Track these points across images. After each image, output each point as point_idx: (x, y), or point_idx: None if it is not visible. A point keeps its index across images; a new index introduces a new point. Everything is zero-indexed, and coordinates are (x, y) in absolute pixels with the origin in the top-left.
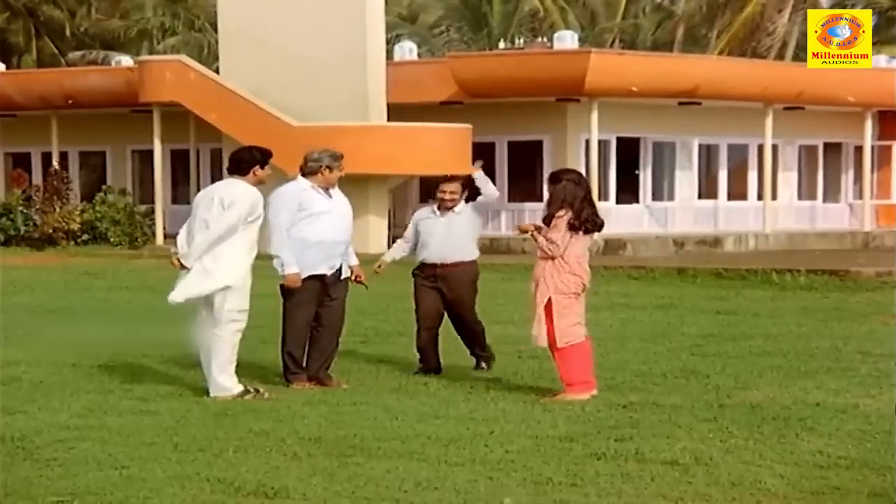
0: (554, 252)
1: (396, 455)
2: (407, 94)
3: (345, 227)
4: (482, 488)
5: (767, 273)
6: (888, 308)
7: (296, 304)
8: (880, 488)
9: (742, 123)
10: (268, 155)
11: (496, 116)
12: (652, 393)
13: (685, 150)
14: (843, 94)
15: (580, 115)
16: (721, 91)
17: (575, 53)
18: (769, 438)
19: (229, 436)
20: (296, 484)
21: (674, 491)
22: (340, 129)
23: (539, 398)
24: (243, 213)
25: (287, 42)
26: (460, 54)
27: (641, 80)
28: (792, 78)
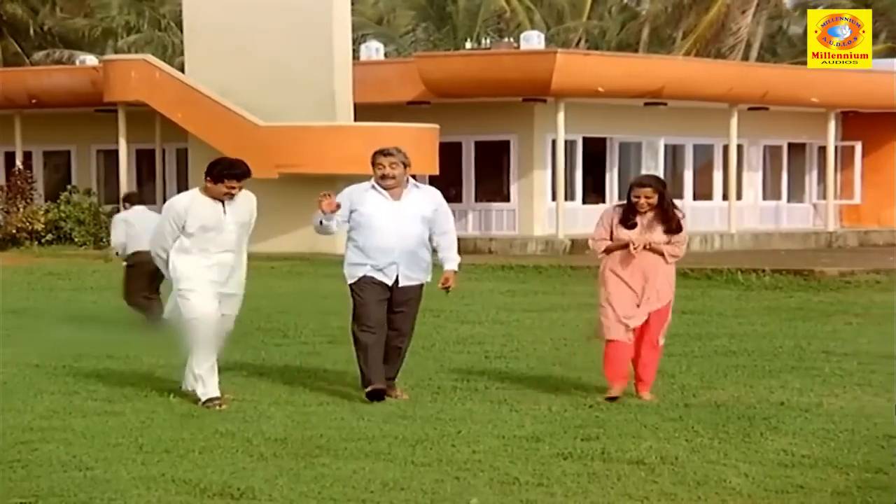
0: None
1: (363, 455)
2: (374, 94)
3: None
4: (449, 488)
5: (733, 273)
6: (851, 308)
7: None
8: (843, 487)
9: (707, 124)
10: (225, 169)
11: (463, 116)
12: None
13: (651, 150)
14: (806, 95)
15: (547, 116)
16: (687, 91)
17: (541, 54)
18: (734, 437)
19: (195, 437)
20: (262, 485)
21: (640, 490)
22: (307, 129)
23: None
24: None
25: (253, 41)
26: (427, 54)
27: (608, 80)
28: (757, 79)
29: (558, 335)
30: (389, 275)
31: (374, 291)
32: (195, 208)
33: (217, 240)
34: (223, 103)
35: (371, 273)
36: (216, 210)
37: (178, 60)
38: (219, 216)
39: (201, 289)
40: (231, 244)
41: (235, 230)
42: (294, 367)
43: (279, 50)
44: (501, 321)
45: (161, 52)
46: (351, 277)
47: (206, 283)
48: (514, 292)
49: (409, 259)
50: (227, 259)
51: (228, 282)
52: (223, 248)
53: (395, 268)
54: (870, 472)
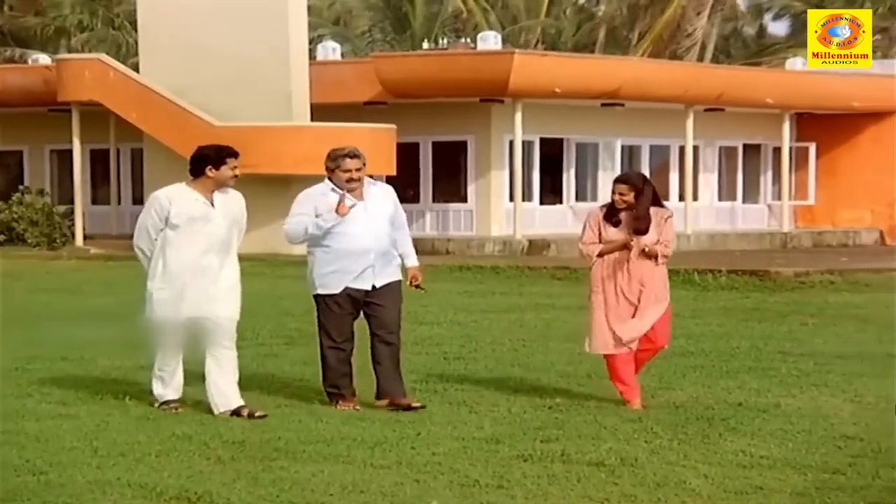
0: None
1: (321, 458)
2: (330, 95)
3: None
4: (409, 491)
5: (689, 273)
6: (806, 308)
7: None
8: (802, 488)
9: (664, 125)
10: (224, 153)
11: (420, 117)
12: (577, 394)
13: (608, 150)
14: (762, 96)
15: (504, 116)
16: (643, 92)
17: (499, 54)
18: (693, 438)
19: (151, 440)
20: (219, 489)
21: (600, 492)
22: (264, 129)
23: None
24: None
25: (209, 41)
26: (384, 54)
27: (565, 81)
28: (712, 80)
29: (516, 336)
30: (366, 279)
31: (346, 304)
32: (180, 198)
33: (205, 233)
34: (178, 103)
35: (348, 283)
36: (203, 201)
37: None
38: (206, 207)
39: (176, 288)
40: (220, 240)
41: (224, 224)
42: (251, 370)
43: (235, 50)
44: (459, 322)
45: (115, 51)
46: (322, 287)
47: (182, 284)
48: (472, 293)
49: (384, 260)
50: (214, 258)
51: (217, 283)
52: (211, 243)
53: (371, 271)
54: (827, 472)
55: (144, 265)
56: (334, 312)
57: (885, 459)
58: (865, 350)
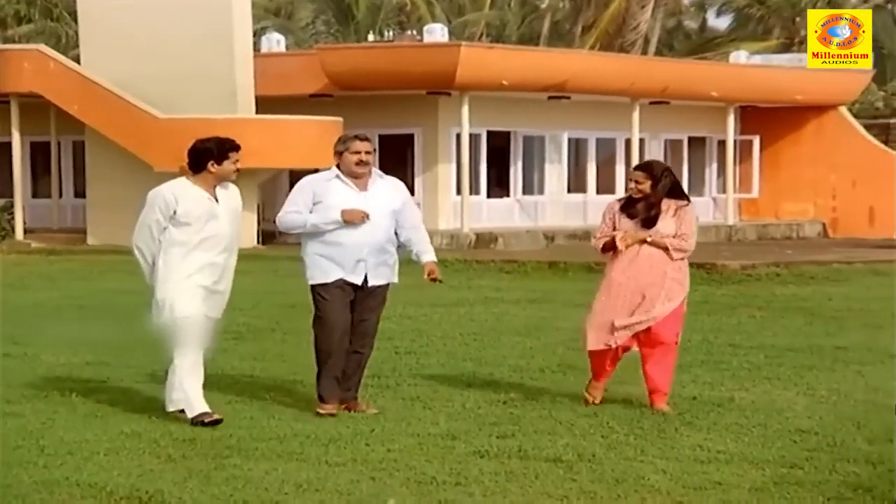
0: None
1: (275, 455)
2: (275, 87)
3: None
4: (365, 489)
5: None
6: (754, 301)
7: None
8: (761, 483)
9: (610, 118)
10: (226, 146)
11: (367, 109)
12: (531, 388)
13: (555, 143)
14: (706, 90)
15: (451, 109)
16: (589, 85)
17: (445, 47)
18: (649, 433)
19: (99, 438)
20: (171, 488)
21: (559, 489)
22: (208, 121)
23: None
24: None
25: (151, 33)
26: (330, 46)
27: (512, 73)
28: (658, 73)
29: (467, 330)
30: (358, 273)
31: (341, 294)
32: (186, 195)
33: (212, 230)
34: (121, 95)
35: (341, 275)
36: (208, 198)
37: (72, 53)
38: (212, 204)
39: (188, 288)
40: (226, 237)
41: (229, 221)
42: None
43: (178, 42)
44: (409, 316)
45: (54, 42)
46: (315, 279)
47: (193, 283)
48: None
49: (378, 256)
50: (221, 256)
51: (221, 281)
52: (218, 241)
53: (364, 265)
54: (785, 467)
55: (143, 266)
56: (329, 301)
57: (840, 453)
58: (814, 343)
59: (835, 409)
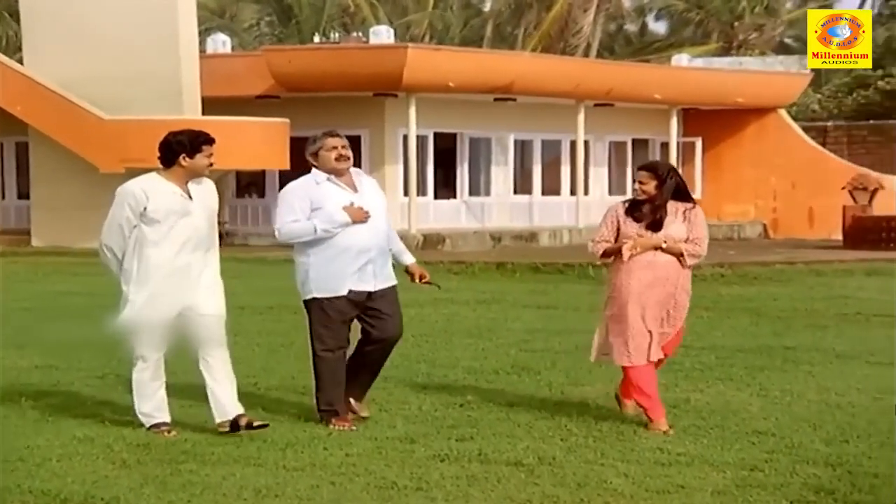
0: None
1: (231, 460)
2: (221, 88)
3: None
4: (325, 494)
5: (584, 267)
6: (701, 301)
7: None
8: (723, 486)
9: (555, 119)
10: (199, 139)
11: (314, 111)
12: (487, 390)
13: (501, 145)
14: (650, 93)
15: (398, 110)
16: (535, 88)
17: (392, 48)
18: (608, 436)
19: (52, 443)
20: (127, 494)
21: (521, 493)
22: (154, 122)
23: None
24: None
25: (96, 34)
26: (276, 48)
27: (458, 75)
28: (602, 76)
29: (418, 331)
30: (366, 278)
31: (347, 308)
32: (156, 191)
33: (185, 227)
34: (66, 96)
35: (351, 286)
36: (181, 193)
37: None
38: (185, 200)
39: (157, 288)
40: (201, 234)
41: (204, 217)
42: None
43: (124, 42)
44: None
45: None
46: (320, 290)
47: (163, 283)
48: None
49: (383, 257)
50: (197, 254)
51: (200, 280)
52: (193, 238)
53: (372, 268)
54: (745, 469)
55: (112, 266)
56: (332, 318)
57: (799, 455)
58: (763, 343)
59: (789, 409)
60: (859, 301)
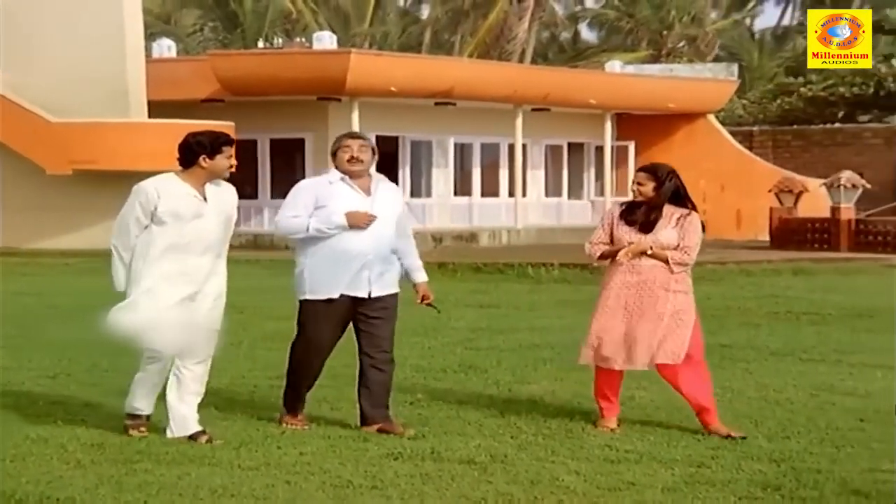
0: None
1: (186, 460)
2: (167, 92)
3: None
4: (281, 494)
5: (523, 267)
6: None
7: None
8: (672, 482)
9: (494, 123)
10: (219, 140)
11: (258, 114)
12: (436, 389)
13: (441, 148)
14: (585, 98)
15: (341, 114)
16: (474, 92)
17: (335, 54)
18: (557, 433)
19: (4, 444)
20: (82, 495)
21: (476, 491)
22: (102, 125)
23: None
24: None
25: (42, 37)
26: (221, 52)
27: (400, 80)
28: (539, 81)
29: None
30: (361, 284)
31: (338, 312)
32: (170, 191)
33: (196, 231)
34: (13, 99)
35: (342, 289)
36: (195, 195)
37: None
38: (199, 202)
39: (163, 293)
40: (212, 239)
41: (218, 222)
42: (102, 367)
43: (70, 46)
44: None
45: None
46: (312, 292)
47: (171, 287)
48: None
49: (382, 265)
50: (205, 258)
51: (204, 289)
52: (201, 241)
53: (368, 275)
54: (693, 466)
55: (117, 265)
56: (320, 322)
57: (744, 451)
58: None
59: (731, 406)
60: (788, 300)
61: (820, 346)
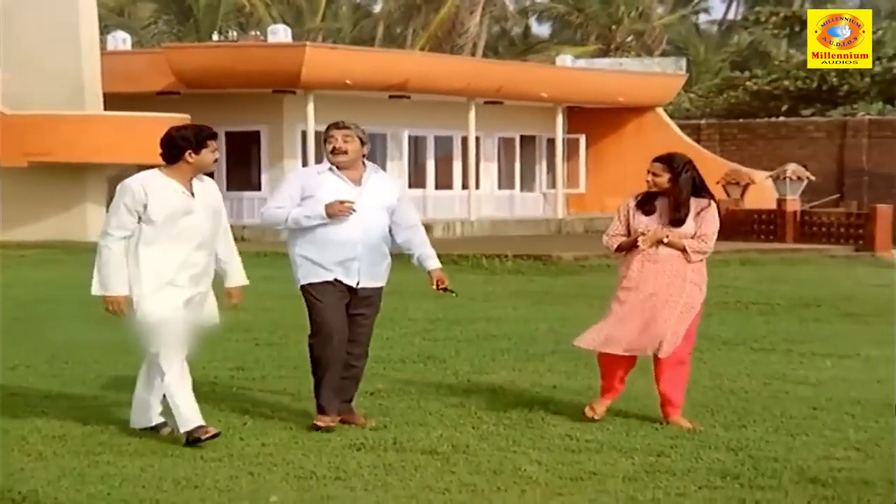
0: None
1: (149, 451)
2: (122, 84)
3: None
4: (245, 485)
5: (478, 258)
6: (590, 290)
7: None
8: (633, 472)
9: (447, 117)
10: (203, 134)
11: (214, 107)
12: (396, 379)
13: (396, 141)
14: (537, 91)
15: (296, 107)
16: (428, 86)
17: (291, 47)
18: (518, 423)
19: None
20: (45, 487)
21: (439, 481)
22: (57, 117)
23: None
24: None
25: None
26: (177, 45)
27: (355, 73)
28: (492, 75)
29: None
30: (351, 274)
31: (334, 294)
32: (156, 187)
33: (188, 227)
34: None
35: (335, 274)
36: (183, 191)
37: None
38: (187, 198)
39: (165, 290)
40: (205, 235)
41: (206, 217)
42: (62, 358)
43: (25, 38)
44: (265, 307)
45: None
46: (305, 278)
47: (169, 284)
48: (272, 278)
49: (371, 256)
50: (199, 254)
51: (202, 282)
52: (194, 237)
53: (357, 265)
54: (652, 455)
55: (107, 266)
56: (324, 300)
57: (701, 440)
58: None
59: (687, 396)
60: (737, 290)
61: (770, 335)
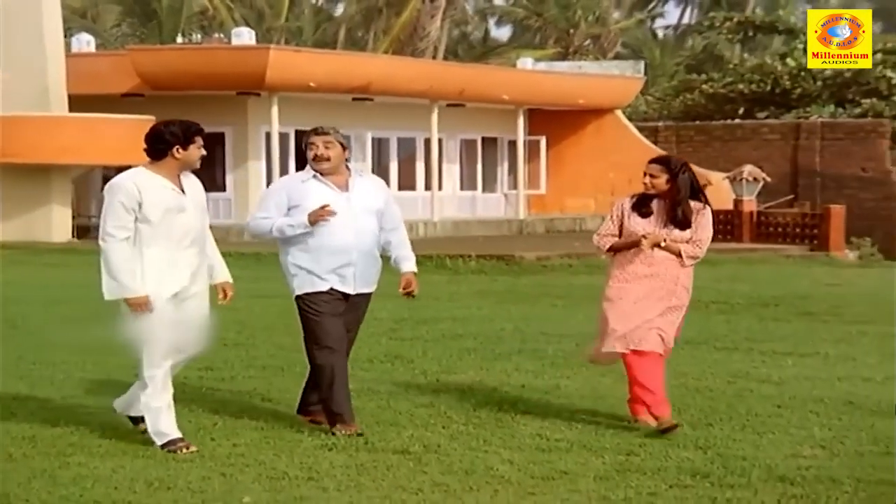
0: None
1: (120, 452)
2: (87, 86)
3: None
4: (217, 486)
5: (441, 258)
6: (553, 290)
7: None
8: (604, 471)
9: (410, 118)
10: (191, 129)
11: (178, 109)
12: (364, 379)
13: (359, 142)
14: (499, 93)
15: (261, 109)
16: (391, 88)
17: (255, 49)
18: (488, 423)
19: None
20: (16, 489)
21: (412, 482)
22: (23, 119)
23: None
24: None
25: None
26: (142, 47)
27: (319, 76)
28: (454, 77)
29: (288, 322)
30: (347, 282)
31: (331, 303)
32: (149, 186)
33: (181, 225)
34: None
35: (330, 283)
36: (173, 188)
37: None
38: (178, 195)
39: (158, 293)
40: (196, 232)
41: (196, 214)
42: (29, 360)
43: None
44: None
45: None
46: (301, 288)
47: (163, 286)
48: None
49: (366, 261)
50: (192, 252)
51: (196, 282)
52: (189, 236)
53: (352, 271)
54: (622, 454)
55: (117, 269)
56: (321, 311)
57: (670, 439)
58: None
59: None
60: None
61: (731, 334)
